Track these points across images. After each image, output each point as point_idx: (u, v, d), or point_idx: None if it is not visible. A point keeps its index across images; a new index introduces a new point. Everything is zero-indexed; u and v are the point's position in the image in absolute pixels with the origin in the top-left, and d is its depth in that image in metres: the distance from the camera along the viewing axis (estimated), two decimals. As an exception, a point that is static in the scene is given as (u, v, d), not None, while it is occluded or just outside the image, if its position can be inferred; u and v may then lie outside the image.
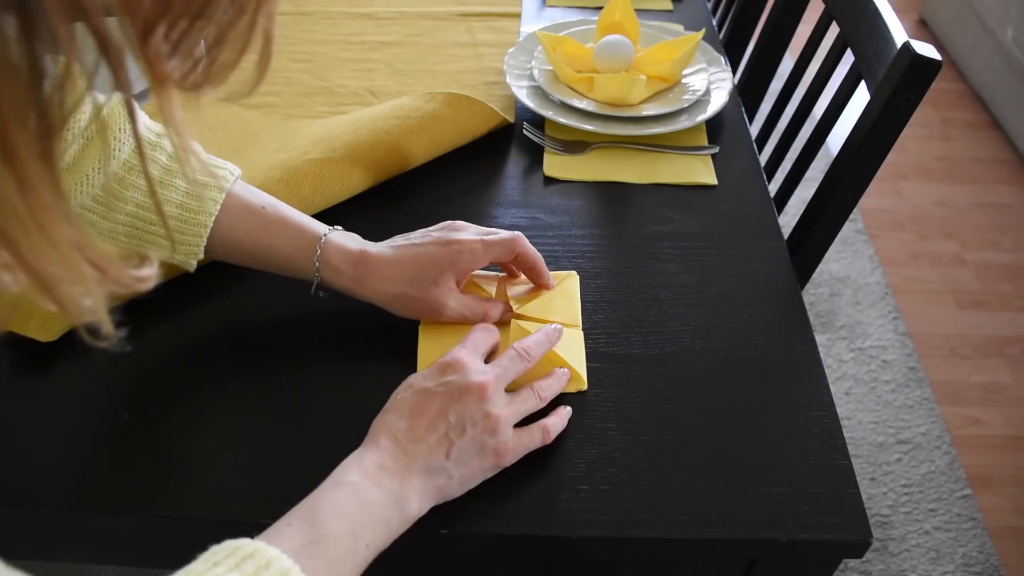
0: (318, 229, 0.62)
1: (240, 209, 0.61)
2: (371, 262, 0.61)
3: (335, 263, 0.61)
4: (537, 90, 0.92)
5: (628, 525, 0.54)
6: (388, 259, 0.61)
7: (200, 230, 0.60)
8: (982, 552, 1.34)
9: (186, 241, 0.60)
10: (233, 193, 0.61)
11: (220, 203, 0.60)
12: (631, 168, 0.84)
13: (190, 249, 0.61)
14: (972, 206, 2.02)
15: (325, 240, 0.61)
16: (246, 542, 0.42)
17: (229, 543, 0.42)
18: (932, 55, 0.72)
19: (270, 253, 0.62)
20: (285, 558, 0.41)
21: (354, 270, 0.61)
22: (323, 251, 0.61)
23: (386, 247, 0.63)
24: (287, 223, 0.62)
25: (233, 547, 0.42)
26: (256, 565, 0.41)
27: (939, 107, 2.34)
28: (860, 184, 0.82)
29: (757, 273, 0.72)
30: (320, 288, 0.63)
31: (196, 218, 0.60)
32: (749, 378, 0.63)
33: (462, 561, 0.59)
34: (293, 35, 1.05)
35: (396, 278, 0.61)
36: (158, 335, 0.65)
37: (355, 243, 0.62)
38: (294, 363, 0.63)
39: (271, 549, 0.42)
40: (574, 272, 0.71)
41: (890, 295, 1.77)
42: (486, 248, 0.62)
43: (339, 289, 0.63)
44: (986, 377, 1.62)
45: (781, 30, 1.09)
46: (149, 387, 0.62)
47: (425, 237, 0.63)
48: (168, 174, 0.60)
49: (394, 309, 0.63)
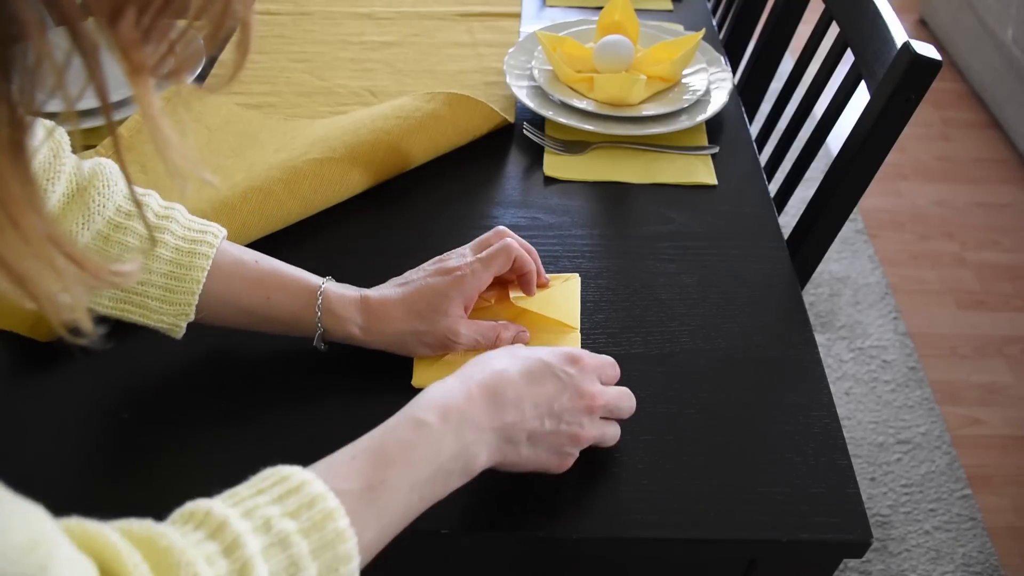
0: (314, 280, 0.61)
1: (233, 263, 0.59)
2: (375, 306, 0.60)
3: (337, 311, 0.59)
4: (537, 90, 0.92)
5: (628, 525, 0.54)
6: (393, 300, 0.60)
7: (193, 286, 0.57)
8: (982, 552, 1.34)
9: (177, 301, 0.57)
10: (224, 250, 0.59)
11: (211, 257, 0.57)
12: (631, 168, 0.84)
13: (180, 310, 0.58)
14: (972, 206, 2.02)
15: (324, 288, 0.60)
16: (295, 473, 0.41)
17: (278, 471, 0.41)
18: (932, 55, 0.72)
19: (269, 307, 0.59)
20: (331, 497, 0.40)
21: (359, 316, 0.60)
22: (324, 299, 0.59)
23: (387, 289, 0.62)
24: (282, 276, 0.60)
25: (281, 476, 0.41)
26: (299, 502, 0.40)
27: (939, 107, 2.34)
28: (860, 184, 0.82)
29: (757, 273, 0.72)
30: (322, 340, 0.61)
31: (188, 274, 0.57)
32: (749, 378, 0.63)
33: (462, 561, 0.59)
34: (293, 35, 1.05)
35: (404, 317, 0.60)
36: (158, 335, 0.65)
37: (353, 290, 0.61)
38: (294, 363, 0.63)
39: (318, 484, 0.40)
40: (576, 275, 0.71)
41: (890, 295, 1.77)
42: (486, 266, 0.61)
43: (342, 339, 0.61)
44: (986, 377, 1.62)
45: (781, 30, 1.09)
46: (149, 387, 0.62)
47: (420, 272, 0.62)
48: (156, 231, 0.57)
49: (405, 350, 0.61)
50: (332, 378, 0.62)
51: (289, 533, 0.39)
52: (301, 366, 0.63)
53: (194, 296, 0.57)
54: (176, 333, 0.59)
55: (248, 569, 0.37)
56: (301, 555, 0.38)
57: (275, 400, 0.61)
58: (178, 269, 0.57)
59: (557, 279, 0.70)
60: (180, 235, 0.58)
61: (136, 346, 0.64)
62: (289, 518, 0.39)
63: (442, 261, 0.62)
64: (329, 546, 0.40)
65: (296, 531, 0.39)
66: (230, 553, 0.37)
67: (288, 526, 0.39)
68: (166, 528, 0.37)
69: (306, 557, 0.39)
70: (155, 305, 0.57)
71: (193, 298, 0.57)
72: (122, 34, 0.28)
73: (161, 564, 0.35)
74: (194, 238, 0.58)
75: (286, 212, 0.73)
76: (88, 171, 0.56)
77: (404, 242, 0.75)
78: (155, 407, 0.60)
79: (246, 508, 0.39)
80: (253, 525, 0.38)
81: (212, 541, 0.37)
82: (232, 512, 0.39)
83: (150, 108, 0.29)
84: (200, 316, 0.59)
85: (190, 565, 0.35)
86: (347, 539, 0.40)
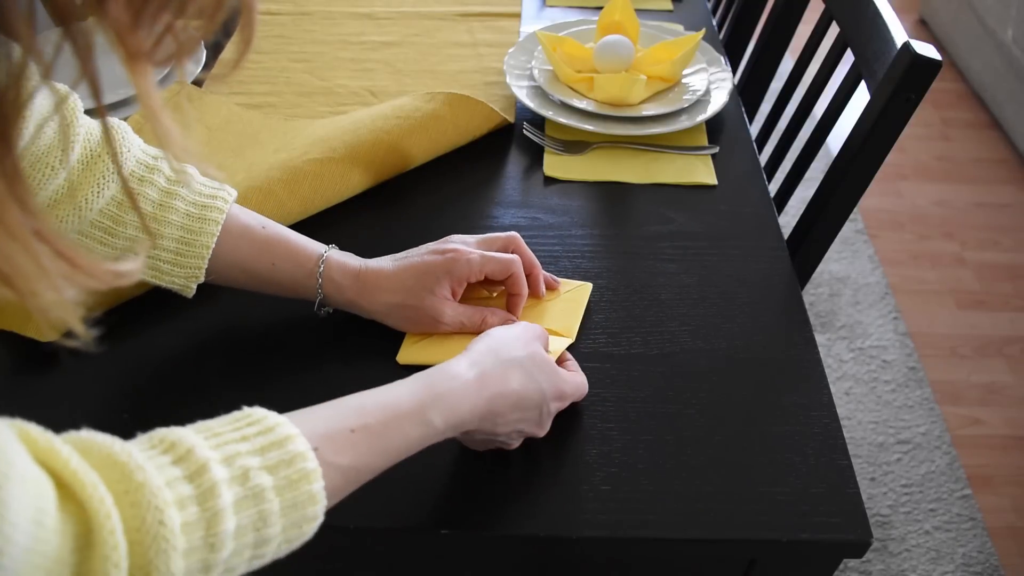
0: (318, 247, 0.63)
1: (241, 229, 0.61)
2: (371, 276, 0.62)
3: (337, 279, 0.62)
4: (537, 90, 0.92)
5: (628, 525, 0.53)
6: (387, 272, 0.62)
7: (203, 251, 0.59)
8: (982, 552, 1.34)
9: (188, 264, 0.59)
10: (233, 214, 0.61)
11: (221, 223, 0.60)
12: (631, 168, 0.84)
13: (191, 272, 0.60)
14: (972, 206, 2.02)
15: (327, 257, 0.62)
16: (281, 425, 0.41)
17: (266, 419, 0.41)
18: (932, 55, 0.72)
19: (274, 272, 0.62)
20: (311, 459, 0.40)
21: (355, 284, 0.62)
22: (325, 268, 0.62)
23: (385, 260, 0.64)
24: (288, 243, 0.62)
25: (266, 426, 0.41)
26: (280, 458, 0.40)
27: (939, 107, 2.34)
28: (860, 184, 0.82)
29: (757, 273, 0.72)
30: (322, 305, 0.63)
31: (198, 239, 0.59)
32: (749, 378, 0.63)
33: (462, 561, 0.59)
34: (293, 35, 1.05)
35: (394, 289, 0.62)
36: (158, 335, 0.65)
37: (354, 260, 0.63)
38: (294, 363, 0.63)
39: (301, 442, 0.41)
40: (588, 284, 0.70)
41: (890, 295, 1.77)
42: (483, 260, 0.62)
43: (341, 305, 0.64)
44: (986, 377, 1.62)
45: (781, 30, 1.09)
46: (149, 387, 0.62)
47: (422, 249, 0.64)
48: (168, 196, 0.59)
49: (393, 321, 0.64)
50: (335, 377, 0.62)
51: (264, 488, 0.39)
52: (302, 367, 0.63)
53: (204, 260, 0.59)
54: (187, 293, 0.61)
55: (218, 520, 0.36)
56: (271, 512, 0.39)
57: (277, 400, 0.61)
58: (189, 234, 0.59)
59: (568, 286, 0.69)
60: (191, 200, 0.59)
61: (136, 346, 0.64)
62: (267, 472, 0.39)
63: (447, 240, 0.65)
64: (299, 506, 0.40)
65: (271, 487, 0.39)
66: (203, 501, 0.36)
67: (264, 481, 0.39)
68: (140, 458, 0.36)
69: (275, 514, 0.39)
70: (167, 268, 0.59)
71: (203, 262, 0.60)
72: (113, 16, 0.27)
73: (130, 497, 0.34)
74: (205, 203, 0.60)
75: (286, 212, 0.73)
76: (101, 135, 0.57)
77: (404, 242, 0.75)
78: (155, 407, 0.60)
79: (226, 454, 0.39)
80: (231, 474, 0.38)
81: (188, 483, 0.36)
82: (213, 456, 0.38)
83: (149, 98, 0.29)
84: (209, 277, 0.61)
85: (159, 510, 0.34)
86: (318, 501, 0.41)
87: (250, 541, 0.38)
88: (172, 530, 0.34)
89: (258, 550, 0.39)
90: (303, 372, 0.63)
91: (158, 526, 0.34)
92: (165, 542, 0.34)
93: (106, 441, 0.36)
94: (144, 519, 0.34)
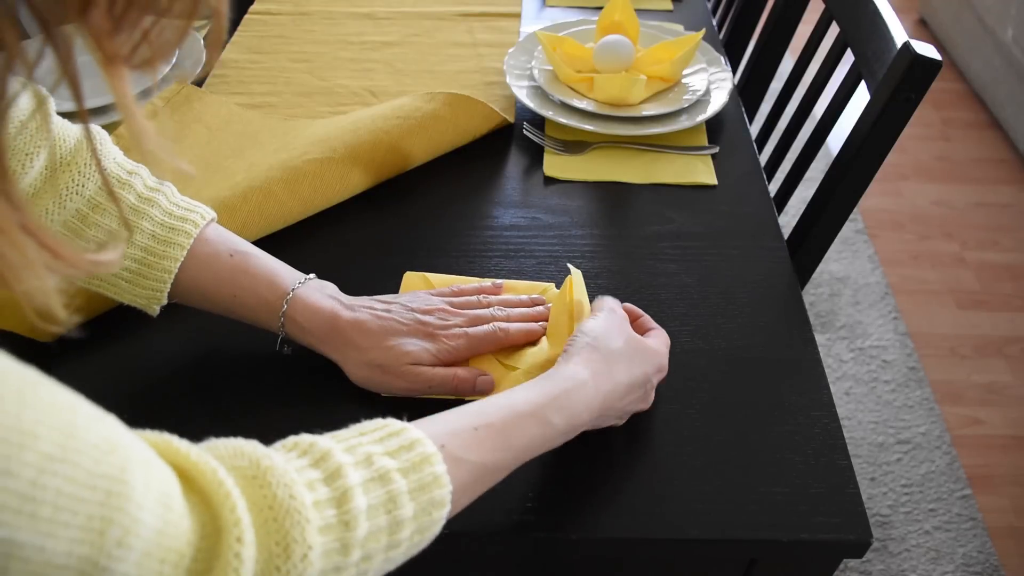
0: (286, 282, 0.59)
1: (207, 256, 0.59)
2: (342, 327, 0.58)
3: (300, 321, 0.58)
4: (537, 90, 0.92)
5: (628, 525, 0.54)
6: (363, 328, 0.58)
7: (164, 275, 0.57)
8: (982, 552, 1.34)
9: (148, 286, 0.58)
10: (204, 238, 0.59)
11: (187, 248, 0.58)
12: (631, 168, 0.84)
13: (151, 295, 0.58)
14: (972, 206, 2.02)
15: (292, 296, 0.58)
16: (392, 422, 0.43)
17: (376, 421, 0.44)
18: (932, 55, 0.72)
19: (234, 304, 0.59)
20: (429, 443, 0.42)
21: (321, 331, 0.58)
22: (289, 307, 0.58)
23: (362, 311, 0.59)
24: (255, 274, 0.59)
25: (379, 423, 0.43)
26: (399, 444, 0.42)
27: (939, 107, 2.34)
28: (860, 184, 0.82)
29: (757, 273, 0.72)
30: (285, 343, 0.61)
31: (160, 263, 0.57)
32: (749, 378, 0.63)
33: (461, 561, 0.59)
34: (293, 35, 1.05)
35: (369, 347, 0.58)
36: (158, 335, 0.65)
37: (327, 301, 0.59)
38: (297, 362, 0.63)
39: (415, 431, 0.43)
40: (584, 302, 0.62)
41: (890, 295, 1.77)
42: (469, 345, 0.60)
43: (305, 345, 0.60)
44: (986, 377, 1.62)
45: (781, 30, 1.09)
46: (149, 387, 0.62)
47: (402, 315, 0.60)
48: (135, 215, 0.57)
49: (358, 380, 0.60)
50: (338, 377, 0.62)
51: (389, 470, 0.40)
52: (305, 364, 0.63)
53: (166, 284, 0.58)
54: (151, 312, 0.60)
55: (348, 497, 0.38)
56: (399, 492, 0.40)
57: (278, 400, 0.61)
58: (151, 256, 0.57)
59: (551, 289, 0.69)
60: (159, 221, 0.58)
61: (136, 346, 0.64)
62: (389, 457, 0.41)
63: (425, 313, 0.61)
64: (426, 488, 0.41)
65: (396, 469, 0.41)
66: (332, 481, 0.38)
67: (388, 463, 0.41)
68: (269, 450, 0.38)
69: (404, 495, 0.40)
70: (126, 287, 0.58)
71: (164, 286, 0.58)
72: (93, 23, 0.28)
73: (258, 480, 0.36)
74: (173, 225, 0.58)
75: (286, 212, 0.73)
76: (75, 142, 0.56)
77: (404, 242, 0.75)
78: (155, 407, 0.60)
79: (348, 444, 0.41)
80: (355, 459, 0.40)
81: (315, 468, 0.39)
82: (335, 446, 0.40)
83: (125, 99, 0.30)
84: (174, 300, 0.60)
85: (288, 487, 0.36)
86: (443, 484, 0.42)
87: (383, 524, 0.40)
88: (304, 503, 0.36)
89: (393, 536, 0.40)
90: (308, 371, 0.62)
91: (289, 500, 0.36)
92: (298, 514, 0.36)
93: (227, 439, 0.39)
94: (275, 496, 0.36)
